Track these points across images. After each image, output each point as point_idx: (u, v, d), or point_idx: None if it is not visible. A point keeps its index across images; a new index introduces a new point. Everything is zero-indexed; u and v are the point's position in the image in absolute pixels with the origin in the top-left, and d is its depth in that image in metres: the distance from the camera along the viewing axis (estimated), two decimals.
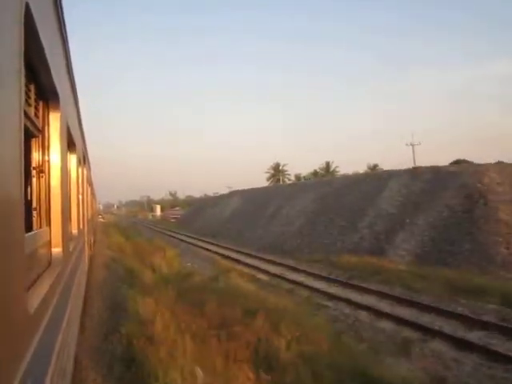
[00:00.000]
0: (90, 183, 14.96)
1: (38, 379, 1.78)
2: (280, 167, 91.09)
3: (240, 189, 58.42)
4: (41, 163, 2.80)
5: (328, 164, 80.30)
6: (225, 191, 72.17)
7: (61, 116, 3.00)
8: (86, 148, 10.06)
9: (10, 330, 1.30)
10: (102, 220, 59.58)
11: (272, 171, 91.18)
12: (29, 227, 2.38)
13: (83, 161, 8.14)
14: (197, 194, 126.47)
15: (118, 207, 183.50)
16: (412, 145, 47.06)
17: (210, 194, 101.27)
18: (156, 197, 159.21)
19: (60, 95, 2.95)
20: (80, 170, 6.80)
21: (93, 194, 22.41)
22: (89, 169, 13.62)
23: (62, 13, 3.13)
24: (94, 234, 18.83)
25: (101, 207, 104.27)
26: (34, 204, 2.75)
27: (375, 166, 73.02)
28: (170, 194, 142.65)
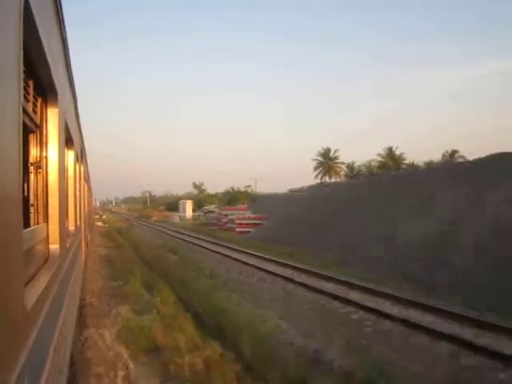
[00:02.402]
0: (87, 180, 14.93)
1: (35, 374, 1.79)
2: (330, 154, 73.45)
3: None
4: (38, 159, 2.80)
5: (391, 150, 62.96)
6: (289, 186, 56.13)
7: (59, 112, 2.99)
8: (83, 144, 10.05)
9: (7, 325, 1.31)
10: (100, 224, 42.19)
11: (320, 159, 74.04)
12: (26, 223, 2.38)
13: (81, 157, 8.13)
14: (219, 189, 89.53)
15: (116, 204, 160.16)
16: None
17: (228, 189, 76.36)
18: (158, 193, 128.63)
19: (58, 91, 2.94)
20: (77, 166, 6.79)
21: (90, 190, 22.37)
22: (86, 165, 13.59)
23: (61, 8, 3.13)
24: (90, 231, 18.98)
25: (97, 204, 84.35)
26: (32, 200, 2.75)
27: (454, 152, 57.77)
28: (195, 186, 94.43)
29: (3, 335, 1.25)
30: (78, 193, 6.82)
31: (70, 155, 5.18)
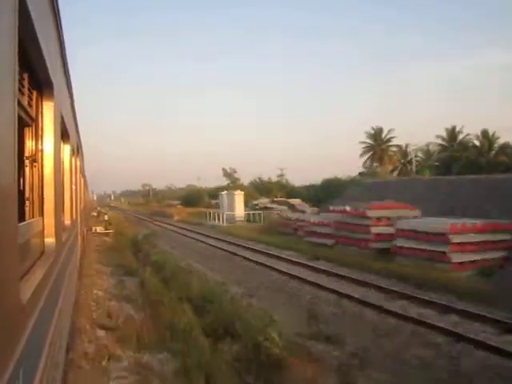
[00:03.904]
0: (83, 173, 14.89)
1: (30, 368, 1.79)
2: (383, 135, 60.50)
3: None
4: (34, 152, 2.79)
5: (454, 130, 51.43)
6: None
7: (54, 105, 2.98)
8: (79, 138, 10.01)
9: (2, 319, 1.31)
10: (101, 230, 24.44)
11: (370, 141, 61.16)
12: (22, 217, 2.37)
13: (77, 151, 8.10)
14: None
15: (115, 198, 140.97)
16: None
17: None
18: (158, 186, 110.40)
19: (54, 85, 2.93)
20: (73, 160, 6.76)
21: (86, 184, 22.31)
22: (82, 159, 13.54)
23: (57, 2, 3.10)
24: (86, 224, 18.81)
25: (95, 198, 75.68)
26: (27, 194, 2.74)
27: None
28: (225, 173, 69.61)
29: None
30: (73, 186, 6.81)
31: (66, 149, 5.16)
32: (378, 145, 60.24)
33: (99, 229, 23.83)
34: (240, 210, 37.48)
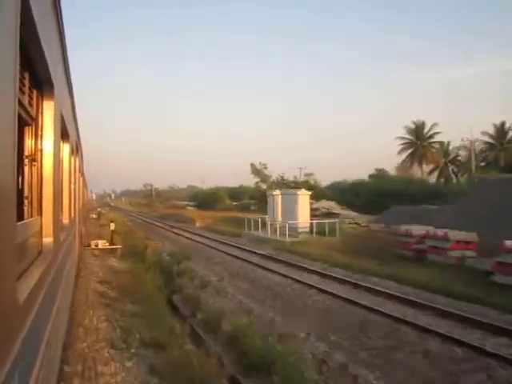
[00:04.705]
0: (82, 173, 14.87)
1: (26, 367, 1.79)
2: (425, 130, 53.36)
3: None
4: (33, 152, 2.78)
5: (503, 126, 46.60)
6: None
7: (55, 105, 2.98)
8: (79, 137, 10.00)
9: None
10: (102, 245, 16.38)
11: (410, 137, 54.07)
12: (20, 216, 2.37)
13: (76, 150, 8.10)
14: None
15: (115, 198, 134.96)
16: None
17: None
18: (160, 186, 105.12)
19: (55, 84, 2.93)
20: (73, 159, 6.76)
21: (85, 183, 22.27)
22: (81, 158, 13.53)
23: (59, 2, 3.11)
24: (84, 224, 18.33)
25: (94, 197, 70.59)
26: (26, 193, 2.73)
27: None
28: (253, 170, 52.81)
29: None
30: (72, 186, 6.80)
31: (66, 148, 5.16)
32: (419, 141, 53.33)
33: (101, 243, 16.40)
34: (305, 217, 26.13)
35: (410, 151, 54.53)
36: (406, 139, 54.90)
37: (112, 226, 19.17)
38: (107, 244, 16.87)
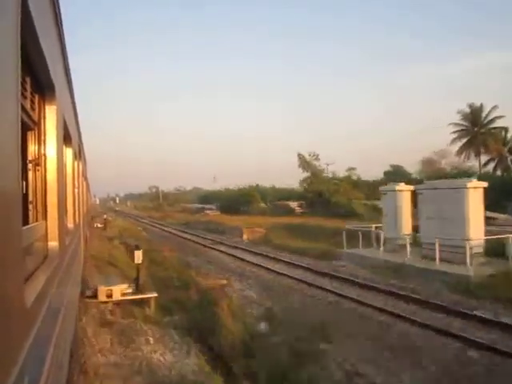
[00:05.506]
0: (85, 177, 14.90)
1: (35, 371, 1.79)
2: (482, 115, 44.85)
3: None
4: (37, 156, 2.79)
5: None
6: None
7: (57, 109, 2.98)
8: (81, 141, 10.02)
9: (7, 322, 1.31)
10: (124, 295, 8.72)
11: (466, 123, 45.43)
12: (25, 221, 2.37)
13: (79, 154, 8.12)
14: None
15: (120, 202, 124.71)
16: None
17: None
18: (166, 188, 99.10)
19: (56, 88, 2.92)
20: (76, 163, 6.78)
21: (88, 187, 22.33)
22: (84, 162, 13.56)
23: (59, 5, 3.11)
24: (88, 228, 18.45)
25: (97, 201, 67.58)
26: (31, 197, 2.74)
27: None
28: (302, 162, 43.93)
29: (3, 332, 1.25)
30: (76, 190, 6.81)
31: (69, 152, 5.17)
32: (477, 127, 44.41)
33: (120, 290, 9.05)
34: (478, 229, 15.03)
35: (465, 140, 45.77)
36: (460, 125, 45.80)
37: (138, 257, 10.26)
38: (130, 290, 9.27)
